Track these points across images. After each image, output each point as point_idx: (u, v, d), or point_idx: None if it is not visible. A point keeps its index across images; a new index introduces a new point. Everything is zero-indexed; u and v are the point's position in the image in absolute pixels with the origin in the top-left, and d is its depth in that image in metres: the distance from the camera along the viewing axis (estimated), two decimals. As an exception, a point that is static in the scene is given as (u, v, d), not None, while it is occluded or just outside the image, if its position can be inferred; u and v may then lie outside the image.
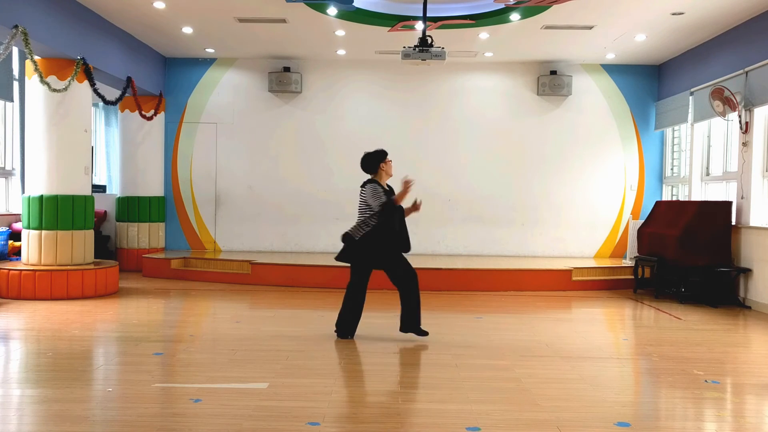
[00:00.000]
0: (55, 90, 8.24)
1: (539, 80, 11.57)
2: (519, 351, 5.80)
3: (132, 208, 11.48)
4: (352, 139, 11.65)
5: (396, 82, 11.76)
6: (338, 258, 6.31)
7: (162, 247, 11.79)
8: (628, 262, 10.65)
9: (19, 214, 9.81)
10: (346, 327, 6.23)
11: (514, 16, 8.87)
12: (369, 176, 6.29)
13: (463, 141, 11.79)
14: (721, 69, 9.38)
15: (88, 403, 4.25)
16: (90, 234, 8.88)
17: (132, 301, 8.21)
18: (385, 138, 11.65)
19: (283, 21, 9.33)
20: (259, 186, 11.88)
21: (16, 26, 7.20)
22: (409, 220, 6.19)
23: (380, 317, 7.02)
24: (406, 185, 6.03)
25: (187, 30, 9.94)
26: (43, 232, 8.42)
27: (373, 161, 6.31)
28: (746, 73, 8.65)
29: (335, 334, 6.25)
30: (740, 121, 8.72)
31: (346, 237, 6.21)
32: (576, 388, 4.69)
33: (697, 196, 10.21)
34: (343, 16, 8.98)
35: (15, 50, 9.83)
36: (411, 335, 6.19)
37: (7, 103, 10.10)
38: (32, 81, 8.46)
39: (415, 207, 6.22)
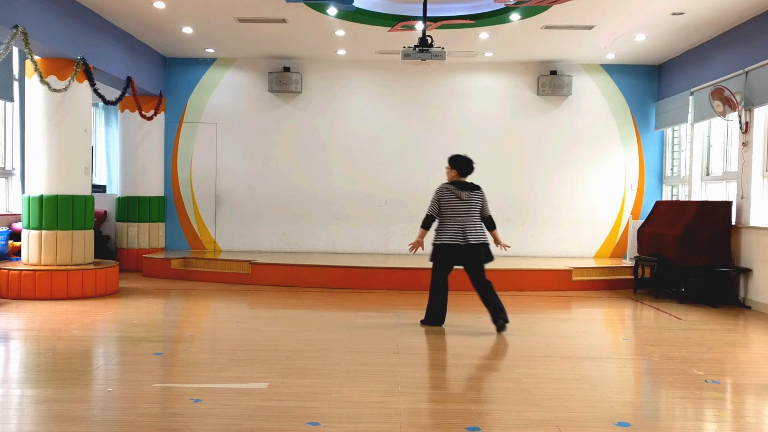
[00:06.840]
0: (55, 90, 8.24)
1: (539, 80, 11.57)
2: (519, 351, 5.81)
3: (132, 208, 11.48)
4: (352, 139, 11.67)
5: (396, 82, 11.75)
6: (484, 263, 6.62)
7: (162, 247, 11.79)
8: (628, 262, 10.64)
9: (19, 214, 9.81)
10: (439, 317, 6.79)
11: (514, 16, 8.87)
12: (461, 179, 6.98)
13: (463, 141, 11.74)
14: (721, 69, 9.38)
15: (88, 403, 4.25)
16: (90, 234, 8.88)
17: (132, 301, 8.21)
18: (385, 138, 11.70)
19: (283, 21, 9.33)
20: (259, 186, 11.88)
21: (16, 26, 7.20)
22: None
23: (379, 317, 7.01)
24: None
25: (187, 30, 9.94)
26: (43, 232, 8.42)
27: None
28: (746, 73, 8.65)
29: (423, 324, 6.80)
30: (740, 121, 8.72)
31: (484, 243, 6.64)
32: (576, 388, 4.69)
33: (697, 196, 10.20)
34: (343, 16, 8.98)
35: (15, 50, 9.83)
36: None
37: (7, 103, 10.10)
38: (32, 81, 8.45)
39: None
